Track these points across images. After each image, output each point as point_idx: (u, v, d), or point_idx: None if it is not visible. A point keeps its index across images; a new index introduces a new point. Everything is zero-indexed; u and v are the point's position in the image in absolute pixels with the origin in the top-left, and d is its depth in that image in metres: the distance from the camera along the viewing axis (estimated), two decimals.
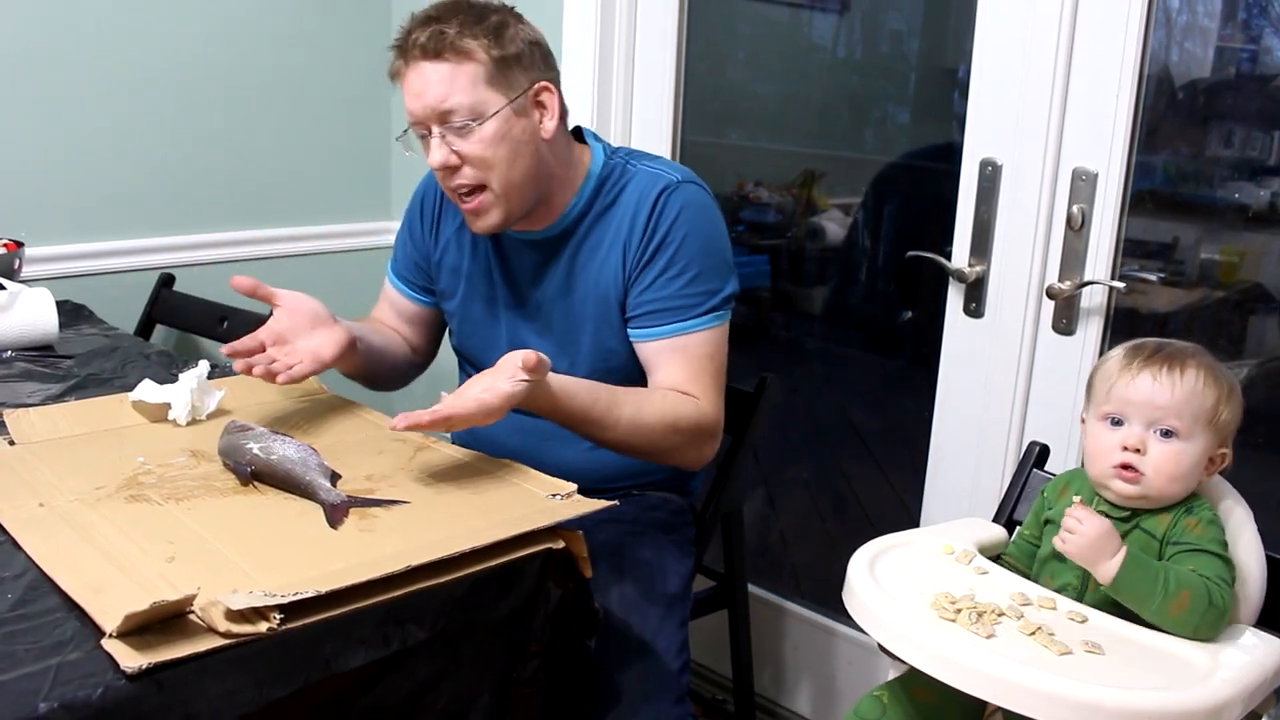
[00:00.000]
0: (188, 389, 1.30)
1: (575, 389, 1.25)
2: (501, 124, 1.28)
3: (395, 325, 1.58)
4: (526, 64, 1.30)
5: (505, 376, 1.15)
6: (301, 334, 1.31)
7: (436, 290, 1.55)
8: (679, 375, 1.34)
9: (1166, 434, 1.09)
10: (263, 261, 2.30)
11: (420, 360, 1.61)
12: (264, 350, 1.26)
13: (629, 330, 1.39)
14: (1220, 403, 1.09)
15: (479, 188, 1.31)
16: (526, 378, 1.14)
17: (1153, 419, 1.09)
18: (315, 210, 2.39)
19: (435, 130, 1.28)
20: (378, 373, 1.50)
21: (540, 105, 1.32)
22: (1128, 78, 1.43)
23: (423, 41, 1.26)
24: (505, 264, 1.45)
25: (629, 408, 1.29)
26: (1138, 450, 1.09)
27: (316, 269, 2.39)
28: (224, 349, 1.25)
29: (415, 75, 1.28)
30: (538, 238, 1.41)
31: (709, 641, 1.95)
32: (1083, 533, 1.05)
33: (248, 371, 1.24)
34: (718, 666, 2.06)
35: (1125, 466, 1.10)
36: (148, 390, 1.31)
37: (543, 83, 1.32)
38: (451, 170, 1.30)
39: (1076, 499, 1.12)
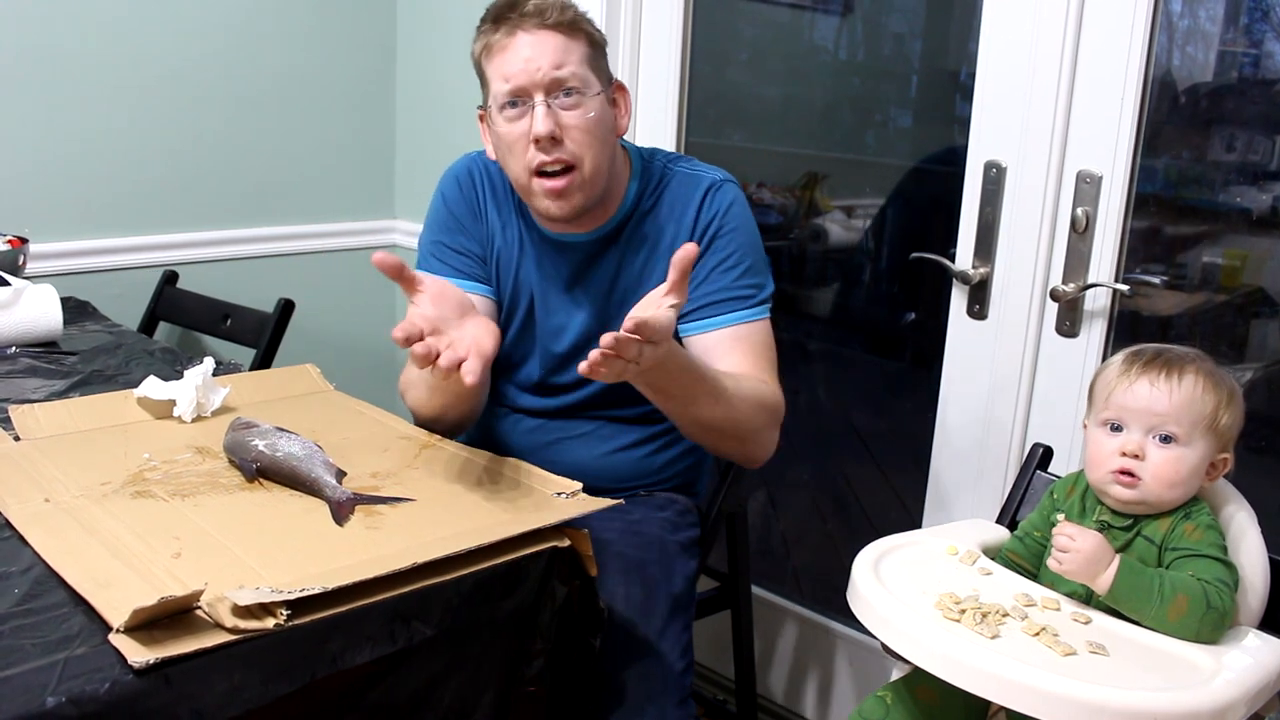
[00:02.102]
0: (193, 386, 1.30)
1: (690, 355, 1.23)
2: (601, 105, 1.31)
3: None
4: (607, 60, 1.35)
5: (656, 307, 1.07)
6: (451, 324, 1.12)
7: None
8: (745, 363, 1.33)
9: (1165, 440, 1.09)
10: (266, 260, 2.31)
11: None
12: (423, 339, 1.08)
13: (684, 325, 1.36)
14: (1220, 408, 1.09)
15: (570, 168, 1.29)
16: (675, 301, 1.08)
17: (1151, 425, 1.09)
18: (319, 209, 2.40)
19: (540, 99, 1.26)
20: (482, 397, 1.38)
21: (615, 103, 1.36)
22: (1132, 81, 1.43)
23: (541, 9, 1.27)
24: (542, 267, 1.43)
25: (729, 380, 1.27)
26: (1136, 456, 1.09)
27: (319, 267, 2.39)
28: (396, 333, 1.04)
29: (529, 40, 1.27)
30: (582, 240, 1.40)
31: (711, 642, 1.95)
32: (1076, 550, 1.05)
33: (429, 358, 1.05)
34: (719, 667, 2.06)
35: (1124, 472, 1.10)
36: (153, 387, 1.31)
37: (618, 81, 1.36)
38: (554, 142, 1.27)
39: (1060, 516, 1.12)
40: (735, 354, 1.33)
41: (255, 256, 2.29)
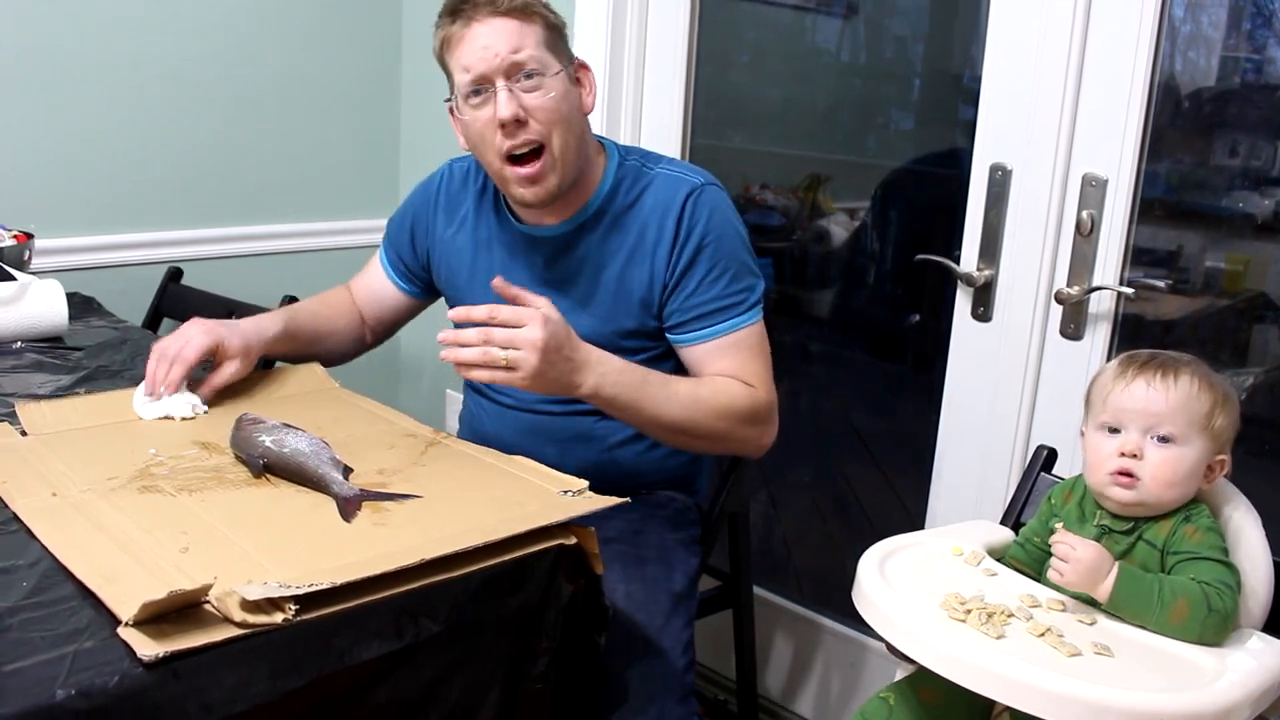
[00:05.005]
0: (185, 403, 1.30)
1: (630, 362, 1.29)
2: (563, 84, 1.32)
3: (366, 301, 1.61)
4: (566, 40, 1.36)
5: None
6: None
7: (438, 285, 1.56)
8: (733, 368, 1.37)
9: (1163, 440, 1.09)
10: (270, 257, 2.31)
11: (371, 342, 1.64)
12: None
13: (673, 335, 1.40)
14: (1215, 409, 1.09)
15: (538, 150, 1.31)
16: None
17: (1148, 425, 1.10)
18: (323, 206, 2.40)
19: (502, 84, 1.29)
20: (312, 356, 1.54)
21: (580, 82, 1.37)
22: (1139, 85, 1.44)
23: None
24: (516, 262, 1.45)
25: (685, 383, 1.33)
26: (1135, 456, 1.10)
27: (323, 265, 2.39)
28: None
29: (484, 29, 1.29)
30: (549, 233, 1.41)
31: (712, 641, 1.95)
32: (1076, 559, 1.05)
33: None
34: (720, 667, 2.06)
35: (1122, 473, 1.10)
36: (143, 407, 1.30)
37: (580, 60, 1.37)
38: (519, 125, 1.29)
39: (1058, 525, 1.12)
40: (724, 361, 1.37)
41: (260, 254, 2.29)
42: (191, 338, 1.33)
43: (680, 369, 1.43)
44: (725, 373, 1.37)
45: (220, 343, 1.35)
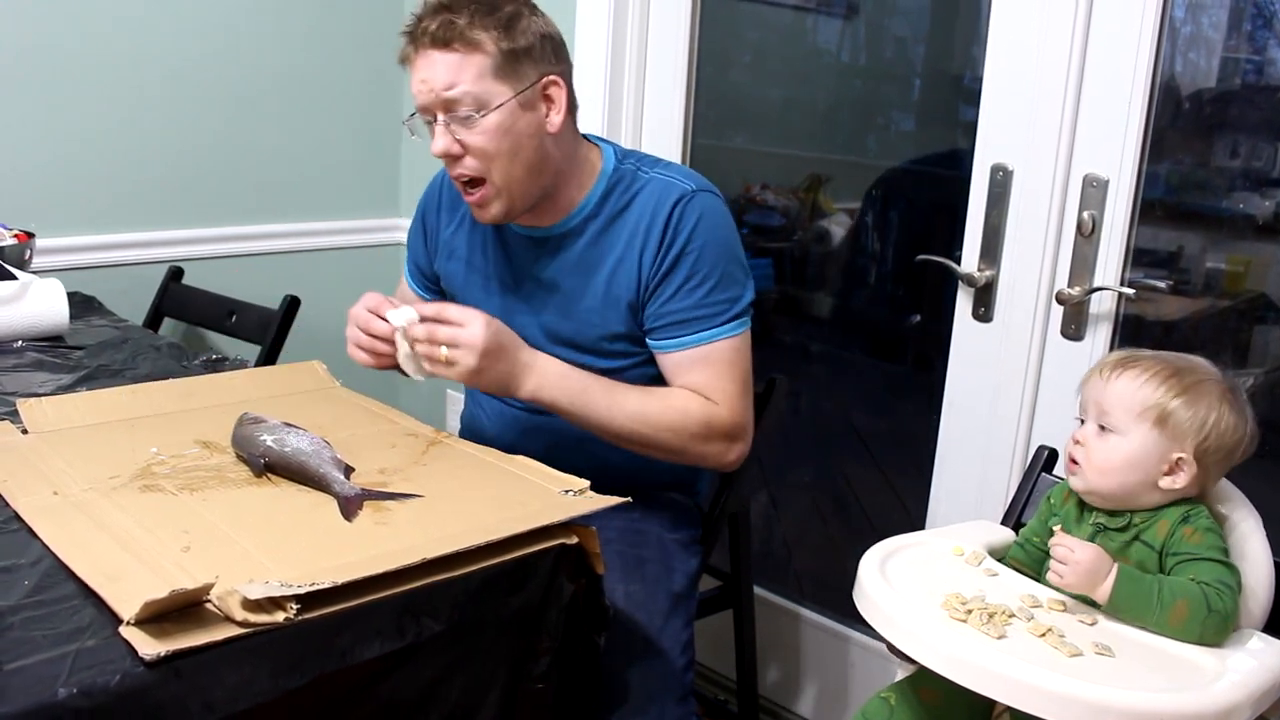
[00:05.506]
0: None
1: (577, 369, 1.32)
2: (505, 116, 1.28)
3: None
4: (536, 57, 1.31)
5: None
6: None
7: (443, 285, 1.56)
8: (701, 381, 1.35)
9: (1103, 429, 1.12)
10: (270, 257, 2.31)
11: None
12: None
13: (649, 341, 1.39)
14: (1164, 401, 1.09)
15: (479, 180, 1.32)
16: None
17: (1097, 415, 1.13)
18: (324, 206, 2.40)
19: (440, 118, 1.29)
20: None
21: (548, 99, 1.32)
22: (1139, 85, 1.44)
23: (433, 30, 1.27)
24: (509, 260, 1.45)
25: (634, 393, 1.33)
26: (1079, 443, 1.14)
27: (324, 265, 2.40)
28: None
29: (423, 62, 1.29)
30: (542, 234, 1.41)
31: (712, 642, 1.95)
32: (1075, 561, 1.05)
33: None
34: (720, 667, 2.06)
35: (1072, 459, 1.14)
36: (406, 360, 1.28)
37: (551, 76, 1.32)
38: (454, 159, 1.31)
39: (1057, 527, 1.13)
40: (694, 373, 1.36)
41: (261, 253, 2.29)
42: (363, 299, 1.36)
43: None
44: (692, 385, 1.35)
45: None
